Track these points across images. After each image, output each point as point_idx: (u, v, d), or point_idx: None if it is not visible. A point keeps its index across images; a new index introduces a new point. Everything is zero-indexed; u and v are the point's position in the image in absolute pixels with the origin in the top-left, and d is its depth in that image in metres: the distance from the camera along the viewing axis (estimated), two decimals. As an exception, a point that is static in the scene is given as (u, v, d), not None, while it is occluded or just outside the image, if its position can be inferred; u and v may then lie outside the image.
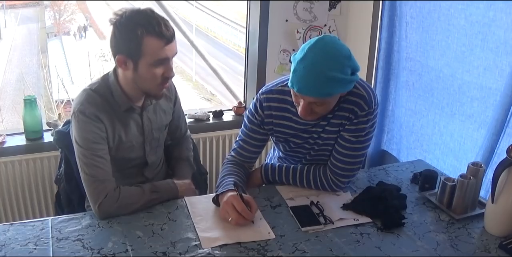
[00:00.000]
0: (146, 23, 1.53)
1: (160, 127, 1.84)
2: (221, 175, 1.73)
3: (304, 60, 1.46)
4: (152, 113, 1.79)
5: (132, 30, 1.53)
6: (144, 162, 1.84)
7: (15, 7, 10.95)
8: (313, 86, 1.46)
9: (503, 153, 1.49)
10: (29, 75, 8.75)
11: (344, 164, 1.70)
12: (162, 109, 1.83)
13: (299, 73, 1.46)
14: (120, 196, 1.59)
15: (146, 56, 1.56)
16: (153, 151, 1.85)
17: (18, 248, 1.42)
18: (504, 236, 1.54)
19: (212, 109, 2.83)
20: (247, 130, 1.78)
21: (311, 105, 1.53)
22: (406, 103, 2.38)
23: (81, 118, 1.62)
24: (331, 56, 1.45)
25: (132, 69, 1.59)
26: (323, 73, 1.44)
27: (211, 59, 3.70)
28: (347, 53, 1.48)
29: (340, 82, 1.47)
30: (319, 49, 1.45)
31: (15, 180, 2.40)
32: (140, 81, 1.62)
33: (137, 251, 1.42)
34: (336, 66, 1.45)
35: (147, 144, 1.80)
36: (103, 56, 9.14)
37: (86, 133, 1.62)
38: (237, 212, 1.52)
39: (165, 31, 1.55)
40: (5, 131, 2.51)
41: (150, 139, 1.80)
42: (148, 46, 1.54)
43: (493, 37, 1.85)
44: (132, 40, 1.54)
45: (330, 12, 2.69)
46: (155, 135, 1.82)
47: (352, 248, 1.48)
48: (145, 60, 1.57)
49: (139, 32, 1.52)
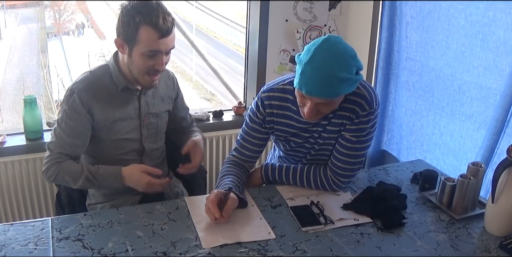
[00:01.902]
0: (146, 13, 1.60)
1: (158, 114, 1.86)
2: (220, 175, 1.74)
3: (311, 62, 1.45)
4: (150, 97, 1.83)
5: (132, 16, 1.60)
6: (141, 148, 1.85)
7: (15, 7, 10.95)
8: (322, 87, 1.46)
9: (503, 153, 1.49)
10: (29, 75, 8.74)
11: (345, 164, 1.70)
12: (160, 96, 1.86)
13: (307, 75, 1.46)
14: (59, 170, 1.72)
15: (140, 44, 1.62)
16: (152, 138, 1.87)
17: (18, 248, 1.42)
18: (504, 236, 1.54)
19: (212, 109, 2.83)
20: (248, 128, 1.78)
21: (318, 106, 1.53)
22: (406, 103, 2.38)
23: (67, 98, 1.71)
24: (338, 57, 1.45)
25: (127, 54, 1.67)
26: (332, 74, 1.44)
27: (211, 59, 3.71)
28: (352, 53, 1.48)
29: (347, 82, 1.47)
30: (325, 49, 1.45)
31: (15, 180, 2.40)
32: (132, 67, 1.69)
33: (137, 251, 1.42)
34: (344, 66, 1.45)
35: (144, 127, 1.82)
36: (103, 56, 9.15)
37: (68, 119, 1.71)
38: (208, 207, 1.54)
39: (162, 24, 1.60)
40: (5, 131, 2.51)
41: (147, 123, 1.83)
42: (143, 35, 1.61)
43: (493, 37, 1.86)
44: (130, 26, 1.61)
45: (330, 12, 2.69)
46: (152, 119, 1.84)
47: (352, 248, 1.48)
48: (138, 48, 1.63)
49: (137, 20, 1.60)
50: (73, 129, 1.71)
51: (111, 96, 1.74)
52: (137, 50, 1.64)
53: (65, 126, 1.71)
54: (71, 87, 1.72)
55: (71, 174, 1.72)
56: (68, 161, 1.73)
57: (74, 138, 1.73)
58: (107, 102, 1.73)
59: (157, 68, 1.68)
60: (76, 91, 1.69)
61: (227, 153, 2.75)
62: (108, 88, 1.74)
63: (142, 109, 1.80)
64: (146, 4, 1.62)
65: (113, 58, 1.75)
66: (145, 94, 1.80)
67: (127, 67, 1.70)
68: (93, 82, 1.72)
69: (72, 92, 1.70)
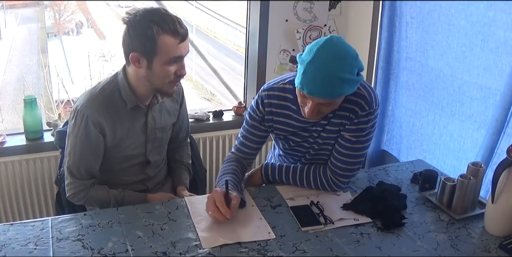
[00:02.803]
0: (161, 21, 1.54)
1: (163, 127, 1.84)
2: (220, 173, 1.75)
3: (314, 62, 1.45)
4: (157, 112, 1.80)
5: (147, 28, 1.54)
6: (146, 161, 1.85)
7: (15, 7, 10.94)
8: (325, 87, 1.46)
9: (503, 153, 1.49)
10: (29, 75, 8.74)
11: (344, 164, 1.70)
12: (167, 110, 1.84)
13: (309, 75, 1.46)
14: (87, 198, 1.73)
15: (161, 54, 1.57)
16: (155, 150, 1.86)
17: (18, 248, 1.42)
18: (504, 236, 1.54)
19: (212, 109, 2.83)
20: (248, 126, 1.79)
21: (319, 106, 1.53)
22: (406, 103, 2.38)
23: (78, 120, 1.65)
24: (341, 57, 1.45)
25: (146, 66, 1.60)
26: (335, 75, 1.44)
27: (211, 59, 3.71)
28: (354, 54, 1.49)
29: (349, 82, 1.48)
30: (328, 50, 1.45)
31: (15, 180, 2.40)
32: (153, 78, 1.63)
33: (137, 251, 1.42)
34: (346, 67, 1.46)
35: (149, 142, 1.81)
36: (103, 56, 9.14)
37: (77, 137, 1.68)
38: (216, 206, 1.53)
39: (180, 29, 1.56)
40: (5, 131, 2.51)
41: (152, 138, 1.81)
42: (163, 44, 1.55)
43: (493, 37, 1.85)
44: (147, 38, 1.54)
45: (330, 12, 2.69)
46: (157, 134, 1.82)
47: (352, 248, 1.48)
48: (159, 58, 1.58)
49: (154, 30, 1.53)
50: (90, 150, 1.69)
51: (120, 114, 1.70)
52: (158, 60, 1.58)
53: (80, 150, 1.68)
54: (80, 108, 1.65)
55: (98, 202, 1.74)
56: (94, 189, 1.73)
57: (93, 159, 1.71)
58: (115, 120, 1.70)
59: (179, 73, 1.64)
60: (88, 114, 1.64)
61: (227, 153, 2.74)
62: (117, 106, 1.69)
63: (149, 125, 1.78)
64: (154, 12, 1.57)
65: (122, 73, 1.69)
66: (152, 109, 1.77)
67: (145, 80, 1.64)
68: (102, 101, 1.66)
69: (83, 114, 1.64)
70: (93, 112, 1.65)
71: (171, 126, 1.90)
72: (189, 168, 2.02)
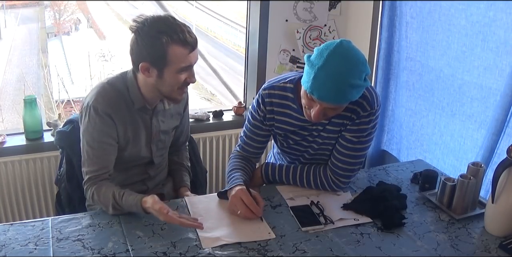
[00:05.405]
0: (171, 31, 1.52)
1: (167, 130, 1.84)
2: (229, 169, 1.76)
3: (325, 68, 1.44)
4: (162, 116, 1.79)
5: (156, 38, 1.51)
6: (151, 162, 1.85)
7: (15, 7, 10.94)
8: (335, 93, 1.46)
9: (503, 153, 1.49)
10: (29, 75, 8.73)
11: (345, 164, 1.70)
12: (171, 113, 1.84)
13: (320, 81, 1.45)
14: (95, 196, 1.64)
15: (171, 64, 1.55)
16: (160, 152, 1.86)
17: (18, 248, 1.42)
18: (504, 236, 1.54)
19: (212, 109, 2.83)
20: (250, 126, 1.79)
21: (325, 109, 1.53)
22: (406, 103, 2.38)
23: (92, 115, 1.63)
24: (352, 64, 1.45)
25: (156, 76, 1.59)
26: (346, 81, 1.44)
27: (211, 59, 3.71)
28: (363, 59, 1.48)
29: (358, 88, 1.48)
30: (339, 55, 1.45)
31: (15, 180, 2.40)
32: (163, 87, 1.62)
33: (137, 251, 1.42)
34: (357, 73, 1.46)
35: (154, 145, 1.81)
36: (103, 56, 9.14)
37: (94, 132, 1.64)
38: (246, 206, 1.55)
39: (189, 38, 1.54)
40: (5, 131, 2.51)
41: (156, 141, 1.81)
42: (174, 54, 1.53)
43: (494, 37, 1.85)
44: (156, 49, 1.52)
45: (330, 12, 2.69)
46: (161, 137, 1.82)
47: (352, 248, 1.48)
48: (170, 68, 1.56)
49: (164, 41, 1.51)
50: (108, 143, 1.66)
51: (128, 112, 1.68)
52: (169, 70, 1.57)
53: (99, 143, 1.64)
54: (92, 104, 1.62)
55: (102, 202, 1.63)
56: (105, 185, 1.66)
57: (111, 153, 1.68)
58: (125, 117, 1.68)
59: (189, 81, 1.63)
60: (100, 108, 1.62)
61: (227, 153, 2.75)
62: (125, 103, 1.67)
63: (154, 127, 1.77)
64: (163, 21, 1.54)
65: (132, 73, 1.67)
66: (156, 112, 1.76)
67: (154, 87, 1.63)
68: (113, 96, 1.65)
69: (96, 108, 1.62)
70: (105, 106, 1.62)
71: (174, 129, 1.90)
72: (189, 170, 2.02)
